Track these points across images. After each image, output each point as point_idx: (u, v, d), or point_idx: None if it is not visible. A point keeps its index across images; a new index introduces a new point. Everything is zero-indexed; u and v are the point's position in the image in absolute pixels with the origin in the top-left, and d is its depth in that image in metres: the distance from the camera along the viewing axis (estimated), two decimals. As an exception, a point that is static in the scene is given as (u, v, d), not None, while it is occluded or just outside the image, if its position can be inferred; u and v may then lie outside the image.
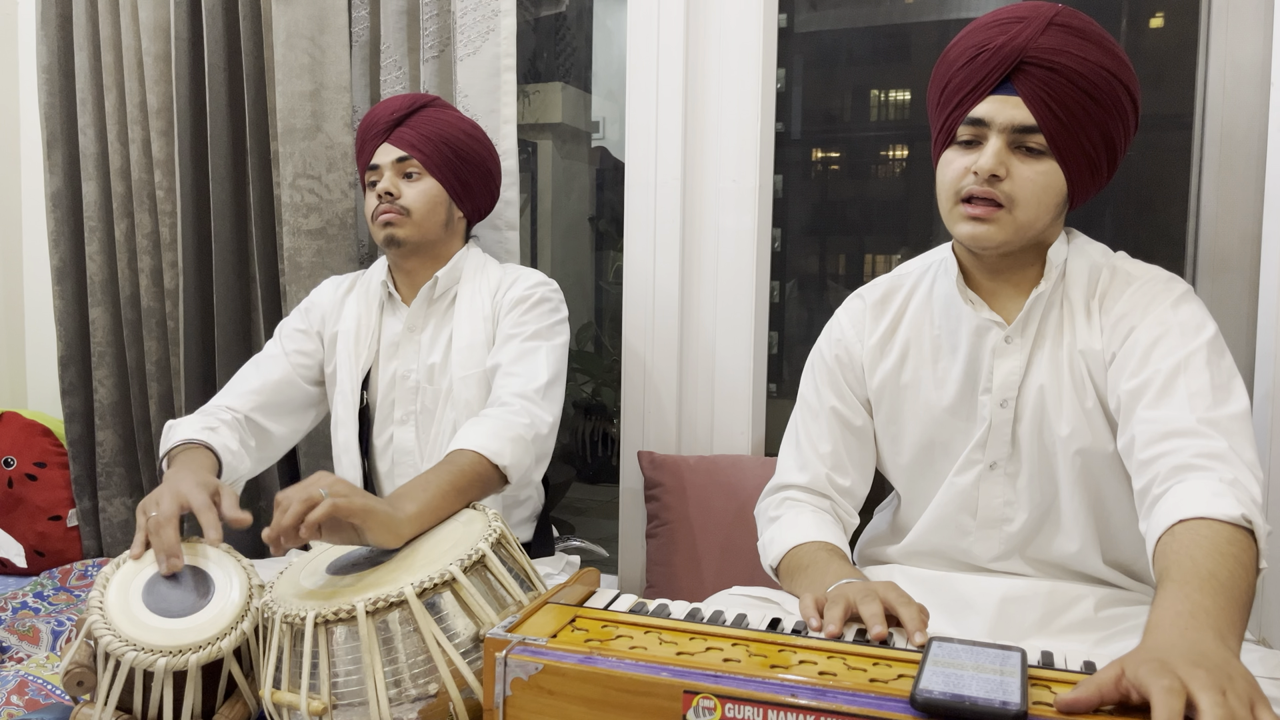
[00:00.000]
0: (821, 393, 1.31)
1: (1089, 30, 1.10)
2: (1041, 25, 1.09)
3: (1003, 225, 1.11)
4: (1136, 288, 1.15)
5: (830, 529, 1.25)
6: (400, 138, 1.55)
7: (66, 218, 2.13)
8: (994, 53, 1.10)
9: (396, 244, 1.55)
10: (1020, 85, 1.09)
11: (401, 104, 1.57)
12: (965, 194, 1.12)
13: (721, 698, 0.80)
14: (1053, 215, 1.14)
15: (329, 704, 0.99)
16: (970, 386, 1.21)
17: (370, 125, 1.58)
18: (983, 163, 1.10)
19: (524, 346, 1.50)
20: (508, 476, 1.34)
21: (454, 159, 1.56)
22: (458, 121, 1.59)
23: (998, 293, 1.20)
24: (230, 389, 1.56)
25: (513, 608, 1.06)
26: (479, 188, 1.61)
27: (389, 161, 1.55)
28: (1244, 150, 1.60)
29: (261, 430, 1.54)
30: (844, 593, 1.01)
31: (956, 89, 1.13)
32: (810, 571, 1.16)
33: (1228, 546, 0.89)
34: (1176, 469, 0.99)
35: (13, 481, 2.13)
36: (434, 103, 1.59)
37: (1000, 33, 1.11)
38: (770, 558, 1.26)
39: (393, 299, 1.61)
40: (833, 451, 1.29)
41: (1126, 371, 1.10)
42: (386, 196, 1.53)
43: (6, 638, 1.66)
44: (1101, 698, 0.76)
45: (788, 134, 2.05)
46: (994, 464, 1.20)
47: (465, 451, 1.30)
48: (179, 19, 1.93)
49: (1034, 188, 1.11)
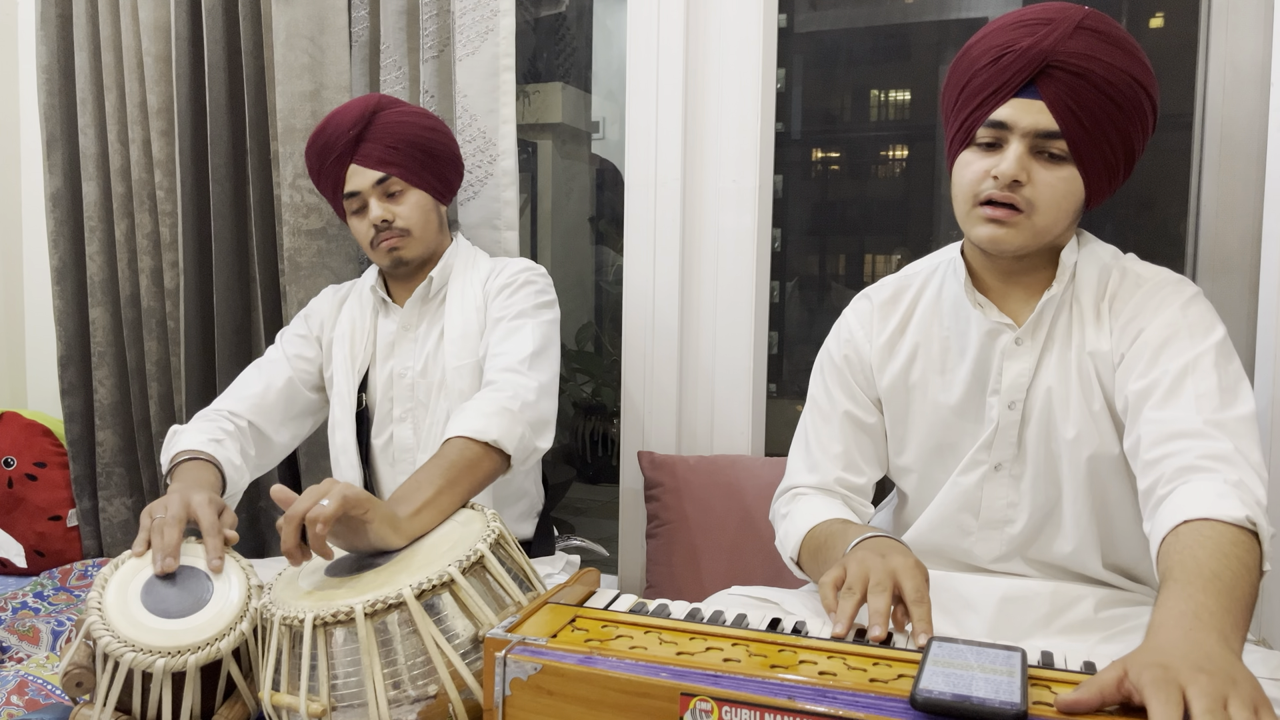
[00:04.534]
0: (832, 394, 1.30)
1: (1116, 35, 1.08)
2: (1070, 28, 1.07)
3: (1022, 230, 1.11)
4: (1147, 290, 1.14)
5: (841, 510, 1.25)
6: (369, 156, 1.50)
7: (66, 218, 2.13)
8: (1020, 54, 1.07)
9: (405, 264, 1.55)
10: (1045, 89, 1.07)
11: (354, 117, 1.51)
12: (985, 198, 1.11)
13: (718, 700, 0.80)
14: (1070, 219, 1.14)
15: (328, 706, 0.99)
16: (979, 387, 1.20)
17: (327, 147, 1.52)
18: (1004, 168, 1.08)
19: (510, 325, 1.49)
20: (504, 450, 1.31)
21: (428, 160, 1.53)
22: (415, 118, 1.54)
23: (1008, 295, 1.19)
24: (232, 393, 1.56)
25: (512, 608, 1.05)
26: (454, 177, 1.60)
27: (369, 186, 1.51)
28: (1244, 150, 1.60)
29: (262, 436, 1.54)
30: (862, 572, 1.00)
31: (978, 89, 1.11)
32: (827, 546, 1.16)
33: (1231, 548, 0.89)
34: (1182, 470, 0.99)
35: (13, 481, 2.13)
36: (384, 106, 1.53)
37: (1027, 34, 1.08)
38: (789, 550, 1.25)
39: (386, 304, 1.61)
40: (844, 452, 1.29)
41: (1135, 372, 1.09)
42: (383, 224, 1.51)
43: (6, 638, 1.66)
44: (1103, 699, 0.76)
45: (788, 134, 2.05)
46: (999, 465, 1.20)
47: (453, 440, 1.29)
48: (179, 19, 1.93)
49: (1054, 194, 1.10)
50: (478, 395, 1.38)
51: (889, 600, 0.97)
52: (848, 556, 1.05)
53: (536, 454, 1.41)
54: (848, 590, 0.99)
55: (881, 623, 0.94)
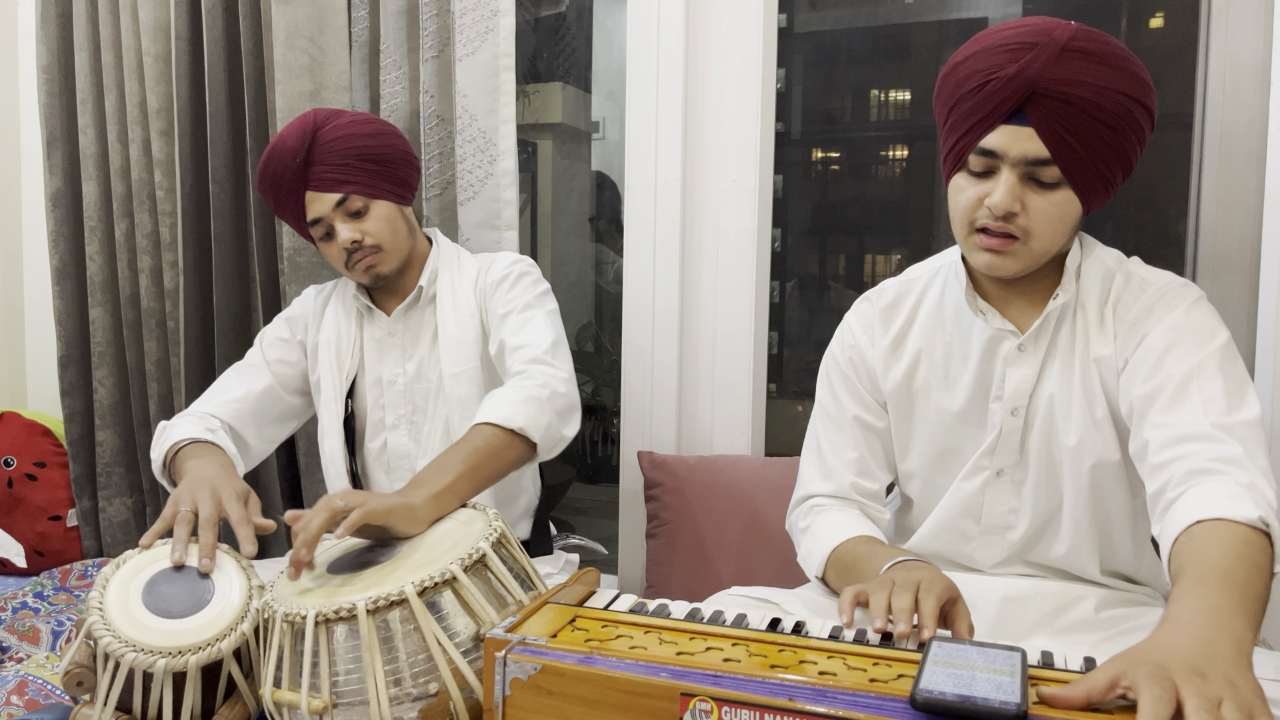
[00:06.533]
0: (840, 399, 1.29)
1: (1105, 52, 1.03)
2: (1055, 53, 1.02)
3: (1019, 257, 1.10)
4: (1150, 294, 1.13)
5: (863, 523, 1.23)
6: (321, 179, 1.46)
7: (66, 218, 2.13)
8: (1005, 82, 1.04)
9: (384, 278, 1.53)
10: (1033, 116, 1.03)
11: (295, 142, 1.45)
12: (980, 225, 1.10)
13: (718, 700, 0.80)
14: (1068, 236, 1.13)
15: (329, 703, 0.99)
16: (981, 393, 1.20)
17: (278, 179, 1.47)
18: (996, 200, 1.06)
19: (521, 318, 1.49)
20: (530, 437, 1.32)
21: (381, 169, 1.49)
22: (356, 128, 1.49)
23: (1010, 301, 1.18)
24: (211, 396, 1.54)
25: (513, 607, 1.05)
26: (410, 175, 1.56)
27: (329, 210, 1.47)
28: (1244, 150, 1.60)
29: (240, 440, 1.53)
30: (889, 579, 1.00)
31: (965, 115, 1.08)
32: (856, 569, 1.14)
33: (1244, 548, 0.89)
34: (1192, 473, 0.99)
35: (13, 481, 2.13)
36: (322, 123, 1.47)
37: (1011, 59, 1.04)
38: (814, 568, 1.23)
39: (371, 311, 1.59)
40: (858, 458, 1.28)
41: (1139, 377, 1.09)
42: (353, 245, 1.48)
43: (6, 638, 1.66)
44: (1088, 700, 0.75)
45: (788, 134, 2.06)
46: (1001, 471, 1.20)
47: (479, 426, 1.30)
48: (179, 19, 1.93)
49: (1049, 218, 1.08)
50: (509, 384, 1.38)
51: (912, 599, 0.96)
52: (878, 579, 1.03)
53: (563, 442, 1.40)
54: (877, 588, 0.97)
55: (905, 619, 0.93)
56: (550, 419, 1.35)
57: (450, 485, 1.19)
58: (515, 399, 1.33)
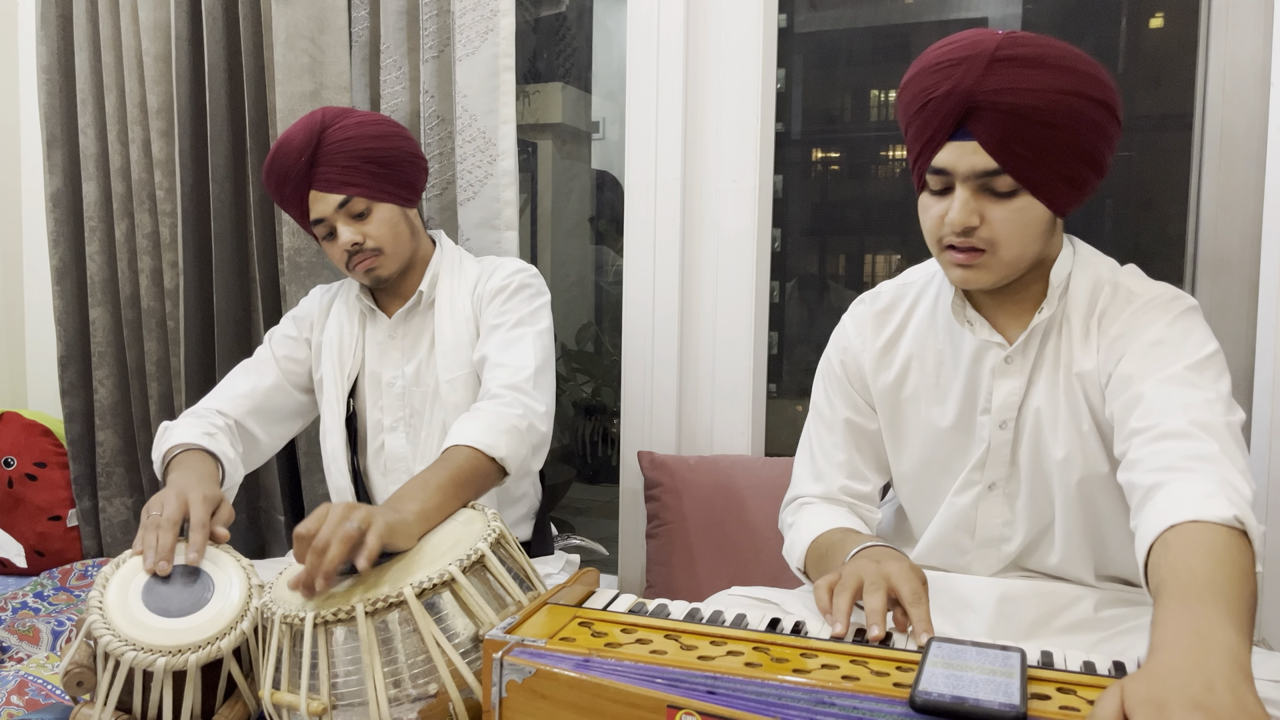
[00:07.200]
0: (833, 402, 1.30)
1: (1038, 56, 1.02)
2: (983, 65, 1.01)
3: (990, 269, 1.09)
4: (1136, 308, 1.11)
5: (846, 518, 1.25)
6: (326, 180, 1.45)
7: (66, 218, 2.13)
8: (940, 101, 1.03)
9: (385, 281, 1.53)
10: (975, 129, 1.03)
11: (301, 141, 1.45)
12: (947, 243, 1.10)
13: (704, 715, 0.79)
14: (1043, 240, 1.10)
15: (329, 704, 0.99)
16: (970, 406, 1.19)
17: (283, 176, 1.47)
18: (952, 217, 1.06)
19: (509, 335, 1.48)
20: (505, 468, 1.33)
21: (386, 171, 1.48)
22: (363, 129, 1.48)
23: (999, 310, 1.17)
24: (220, 393, 1.55)
25: (512, 608, 1.05)
26: (417, 177, 1.55)
27: (332, 211, 1.47)
28: (1244, 150, 1.60)
29: (249, 436, 1.53)
30: (856, 573, 1.00)
31: (915, 137, 1.08)
32: (829, 556, 1.16)
33: (1224, 551, 0.86)
34: (1165, 468, 0.97)
35: (13, 481, 2.13)
36: (330, 122, 1.47)
37: (943, 78, 1.03)
38: (795, 560, 1.25)
39: (374, 313, 1.59)
40: (847, 460, 1.28)
41: (1118, 390, 1.08)
42: (354, 247, 1.48)
43: (6, 638, 1.66)
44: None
45: (788, 134, 2.06)
46: (993, 484, 1.19)
47: (460, 448, 1.30)
48: (179, 19, 1.93)
49: (1012, 226, 1.07)
50: (485, 407, 1.38)
51: (884, 599, 0.97)
52: (845, 565, 1.05)
53: (529, 476, 1.51)
54: (841, 588, 0.99)
55: (879, 621, 0.94)
56: (526, 453, 1.37)
57: (434, 502, 1.19)
58: (499, 427, 1.33)
